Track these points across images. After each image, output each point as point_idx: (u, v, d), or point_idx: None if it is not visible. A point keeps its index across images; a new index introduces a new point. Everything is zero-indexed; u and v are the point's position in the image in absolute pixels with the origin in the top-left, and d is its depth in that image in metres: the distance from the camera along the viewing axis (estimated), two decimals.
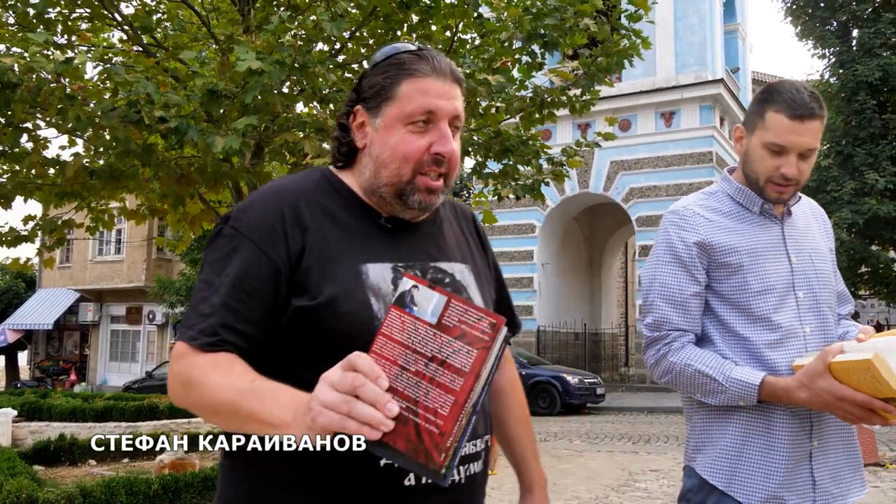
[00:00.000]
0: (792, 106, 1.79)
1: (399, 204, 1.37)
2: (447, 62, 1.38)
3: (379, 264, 1.33)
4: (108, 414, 13.19)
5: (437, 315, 1.02)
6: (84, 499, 5.68)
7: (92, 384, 29.61)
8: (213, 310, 1.23)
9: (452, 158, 1.36)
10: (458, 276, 1.44)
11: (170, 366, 1.25)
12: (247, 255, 1.27)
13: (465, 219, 1.61)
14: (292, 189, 1.37)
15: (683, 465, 1.98)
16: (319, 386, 1.01)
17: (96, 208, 9.20)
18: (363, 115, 1.40)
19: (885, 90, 17.55)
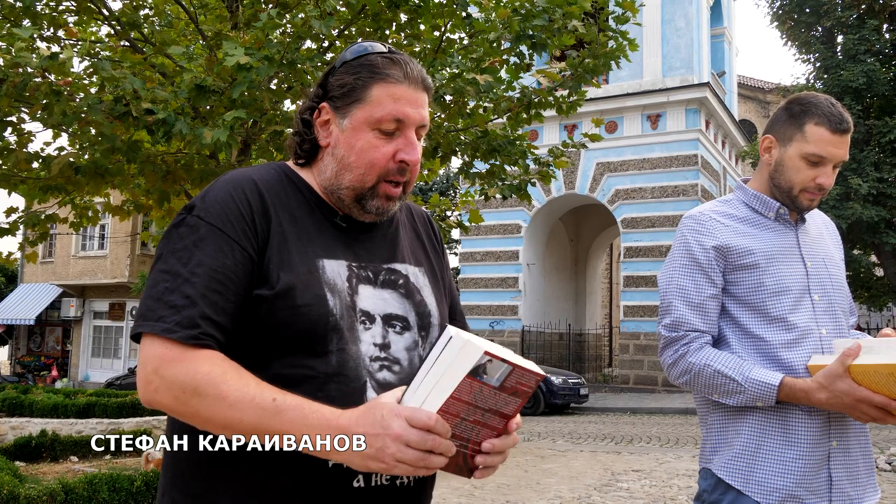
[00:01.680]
0: (832, 120, 1.87)
1: (357, 208, 1.37)
2: (418, 69, 1.38)
3: (335, 261, 1.32)
4: (91, 410, 13.11)
5: (501, 380, 1.13)
6: (66, 495, 5.64)
7: (74, 380, 29.40)
8: (188, 301, 1.18)
9: (415, 167, 1.37)
10: (411, 279, 1.43)
11: (151, 368, 1.18)
12: (217, 244, 1.23)
13: (420, 221, 1.60)
14: (255, 179, 1.35)
15: (699, 467, 2.00)
16: (394, 444, 1.07)
17: (80, 204, 9.15)
18: (329, 113, 1.37)
19: (869, 96, 17.71)
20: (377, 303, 1.33)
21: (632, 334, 20.49)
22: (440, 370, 1.12)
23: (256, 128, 7.62)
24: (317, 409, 1.13)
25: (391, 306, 1.35)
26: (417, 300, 1.40)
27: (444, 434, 1.08)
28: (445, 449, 1.09)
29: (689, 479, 8.00)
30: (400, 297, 1.38)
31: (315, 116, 1.40)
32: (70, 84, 6.48)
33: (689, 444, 11.09)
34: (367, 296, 1.32)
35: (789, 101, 1.98)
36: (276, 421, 1.12)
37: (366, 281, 1.34)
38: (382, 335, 1.31)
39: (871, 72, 17.22)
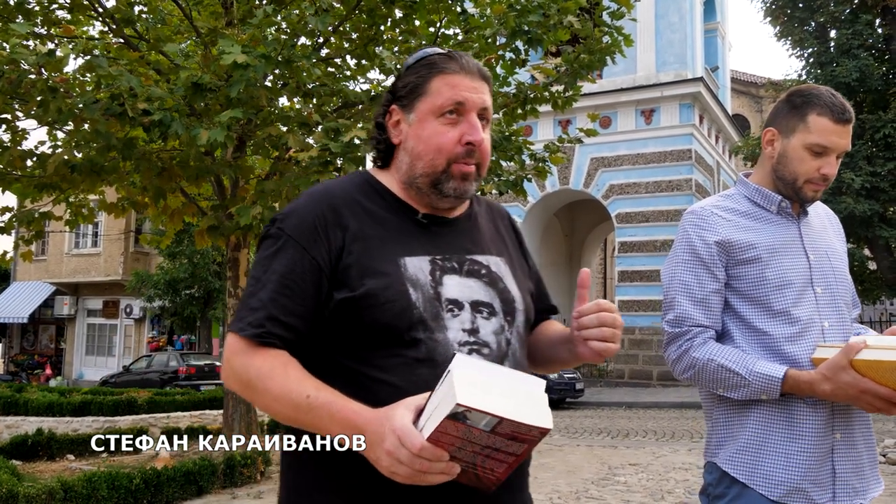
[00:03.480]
0: (834, 110, 1.88)
1: (435, 193, 1.46)
2: (475, 62, 1.48)
3: (417, 257, 1.41)
4: (86, 408, 13.07)
5: (491, 427, 1.09)
6: (65, 493, 5.64)
7: (68, 378, 29.31)
8: (260, 304, 1.34)
9: (483, 147, 1.45)
10: (493, 268, 1.50)
11: (226, 357, 1.37)
12: (291, 253, 1.37)
13: (500, 217, 1.69)
14: (333, 191, 1.47)
15: (704, 461, 2.00)
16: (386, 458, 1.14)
17: (75, 202, 9.12)
18: (398, 113, 1.49)
19: (861, 91, 17.76)
20: (464, 290, 1.42)
21: (626, 329, 20.53)
22: (436, 399, 1.12)
23: (252, 125, 7.60)
24: (342, 408, 1.23)
25: (477, 293, 1.43)
26: (501, 287, 1.48)
27: (433, 459, 1.11)
28: (440, 471, 1.12)
29: (685, 472, 8.04)
30: (484, 285, 1.46)
31: (387, 119, 1.52)
32: (65, 81, 6.46)
33: (684, 438, 11.14)
34: (452, 285, 1.41)
35: (790, 94, 1.99)
36: (307, 416, 1.26)
37: (451, 272, 1.43)
38: (471, 320, 1.40)
39: (865, 67, 17.27)
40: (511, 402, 1.10)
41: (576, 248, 26.85)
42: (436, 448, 1.10)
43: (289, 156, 8.13)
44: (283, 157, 8.29)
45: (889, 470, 7.55)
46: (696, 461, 8.66)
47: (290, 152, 7.90)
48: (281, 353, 1.32)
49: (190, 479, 6.66)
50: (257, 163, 9.72)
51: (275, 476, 7.89)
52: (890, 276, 18.04)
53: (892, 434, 9.53)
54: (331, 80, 7.93)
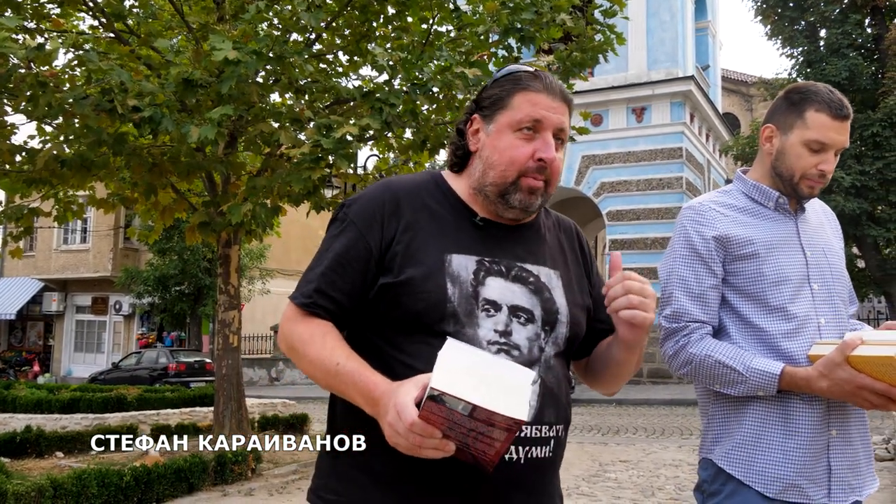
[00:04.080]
0: (833, 106, 1.89)
1: (501, 203, 1.51)
2: (559, 84, 1.54)
3: (464, 256, 1.47)
4: (75, 405, 13.00)
5: (468, 412, 1.14)
6: (55, 491, 5.61)
7: (56, 375, 29.14)
8: (315, 277, 1.48)
9: (554, 165, 1.50)
10: (542, 278, 1.54)
11: (281, 322, 1.51)
12: (349, 235, 1.49)
13: (566, 232, 1.72)
14: (398, 184, 1.56)
15: (700, 457, 2.00)
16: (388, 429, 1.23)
17: (63, 198, 9.06)
18: (479, 122, 1.56)
19: (851, 90, 17.86)
20: (505, 294, 1.47)
21: None
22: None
23: (243, 121, 7.57)
24: (365, 378, 1.33)
25: (518, 299, 1.48)
26: (545, 297, 1.52)
27: (424, 434, 1.17)
28: (433, 447, 1.19)
29: (675, 468, 8.08)
30: (529, 292, 1.50)
31: (468, 127, 1.59)
32: (55, 76, 6.42)
33: (674, 435, 11.18)
34: (495, 287, 1.46)
35: (789, 90, 1.99)
36: (335, 381, 1.38)
37: (497, 274, 1.48)
38: (505, 323, 1.45)
39: (854, 66, 17.38)
40: (489, 391, 1.14)
41: None
42: (426, 425, 1.16)
43: (280, 152, 8.11)
44: (274, 154, 8.27)
45: (877, 466, 7.60)
46: (686, 458, 8.70)
47: (282, 149, 7.88)
48: (324, 323, 1.44)
49: (181, 477, 6.64)
50: (248, 159, 9.69)
51: (266, 473, 7.87)
52: (878, 274, 18.17)
53: (880, 431, 9.59)
54: (323, 77, 7.91)
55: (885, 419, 10.90)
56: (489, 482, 1.36)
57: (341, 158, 6.59)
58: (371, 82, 8.60)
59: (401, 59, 7.41)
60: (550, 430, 1.46)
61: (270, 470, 8.05)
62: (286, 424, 11.02)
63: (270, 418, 11.05)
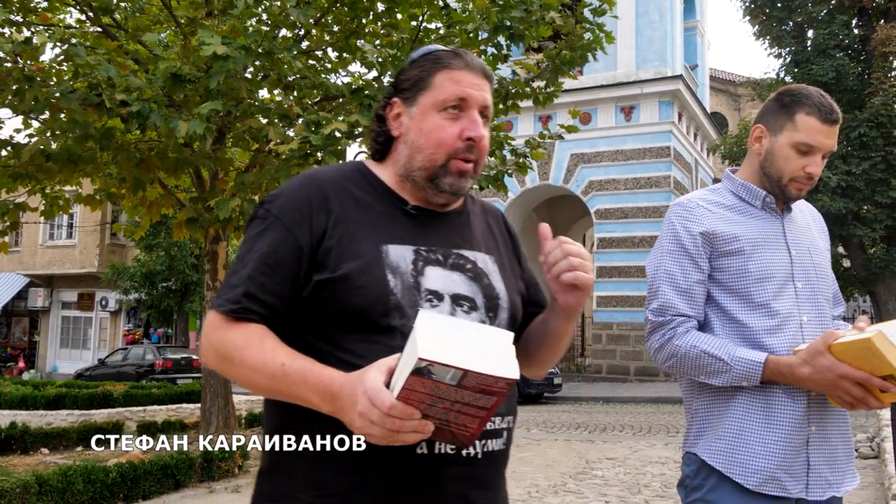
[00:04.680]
0: (823, 110, 1.91)
1: (431, 188, 1.46)
2: (479, 60, 1.50)
3: (400, 246, 1.41)
4: (61, 402, 12.93)
5: (457, 380, 1.08)
6: (40, 487, 5.58)
7: (41, 371, 28.96)
8: (240, 281, 1.37)
9: (482, 143, 1.45)
10: (479, 264, 1.50)
11: (204, 333, 1.39)
12: (275, 233, 1.39)
13: (493, 217, 1.69)
14: (323, 176, 1.49)
15: (683, 452, 2.02)
16: (359, 419, 1.14)
17: (50, 194, 9.00)
18: (400, 106, 1.50)
19: (838, 90, 17.96)
20: (446, 283, 1.42)
21: (604, 324, 20.66)
22: (403, 360, 1.12)
23: (231, 116, 7.55)
24: (317, 374, 1.24)
25: (459, 287, 1.43)
26: (485, 283, 1.48)
27: (404, 417, 1.11)
28: (413, 429, 1.12)
29: (661, 466, 8.12)
30: (468, 279, 1.46)
31: (388, 111, 1.52)
32: (42, 70, 6.37)
33: (661, 433, 11.24)
34: (434, 276, 1.41)
35: (780, 92, 2.02)
36: (282, 384, 1.27)
37: (435, 263, 1.43)
38: (450, 312, 1.39)
39: (841, 66, 17.49)
40: (475, 355, 1.10)
41: None
42: (406, 406, 1.10)
43: (269, 148, 8.09)
44: (263, 150, 8.25)
45: (861, 464, 7.66)
46: (673, 455, 8.75)
47: (271, 145, 7.86)
48: (257, 326, 1.34)
49: (167, 473, 6.62)
50: (237, 155, 9.65)
51: (253, 470, 7.86)
52: (863, 273, 18.30)
53: (864, 429, 9.68)
54: (312, 73, 7.89)
55: (869, 417, 11.00)
56: (448, 482, 1.32)
57: (330, 155, 6.58)
58: (360, 79, 8.59)
59: (390, 56, 7.40)
60: (503, 422, 1.43)
61: (257, 467, 8.03)
62: None
63: (258, 415, 11.02)
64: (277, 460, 1.41)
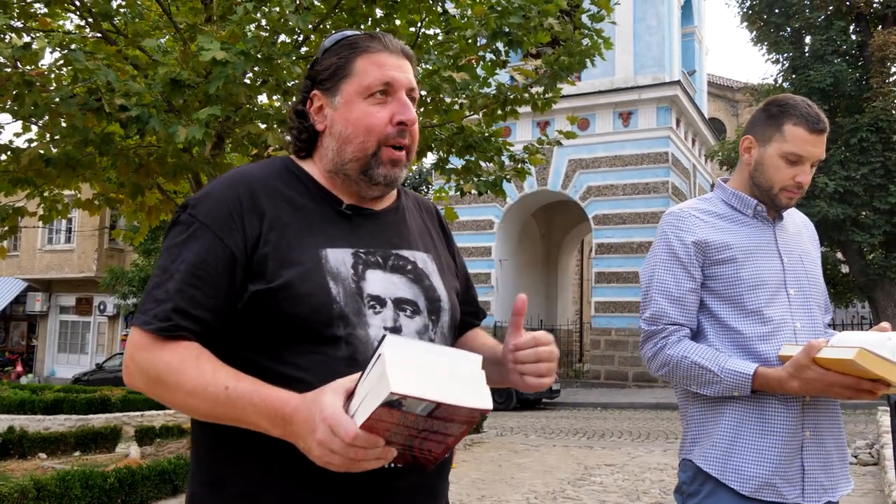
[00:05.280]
0: (810, 120, 1.94)
1: (364, 180, 1.38)
2: (397, 41, 1.43)
3: (339, 249, 1.34)
4: (59, 406, 12.92)
5: (429, 411, 1.03)
6: (38, 492, 5.57)
7: (39, 376, 28.92)
8: (167, 295, 1.24)
9: (414, 127, 1.39)
10: (419, 264, 1.44)
11: (128, 353, 1.26)
12: (203, 241, 1.28)
13: (427, 211, 1.62)
14: (251, 177, 1.37)
15: (679, 459, 2.04)
16: (318, 448, 1.06)
17: (49, 197, 9.00)
18: (321, 98, 1.41)
19: (835, 96, 18.02)
20: (387, 286, 1.35)
21: (603, 330, 20.66)
22: (368, 384, 1.05)
23: (230, 122, 7.55)
24: (266, 397, 1.14)
25: (401, 290, 1.37)
26: (426, 285, 1.42)
27: (368, 446, 1.04)
28: (375, 456, 1.06)
29: (660, 472, 8.11)
30: (409, 281, 1.39)
31: (308, 106, 1.43)
32: (42, 75, 6.38)
33: (659, 439, 11.24)
34: (375, 280, 1.34)
35: (767, 103, 2.05)
36: (228, 408, 1.17)
37: (374, 266, 1.36)
38: (393, 318, 1.33)
39: (838, 72, 17.53)
40: (448, 385, 1.04)
41: (553, 249, 26.96)
42: (370, 435, 1.03)
43: (268, 153, 8.09)
44: (262, 155, 8.24)
45: (861, 471, 7.67)
46: (671, 462, 8.74)
47: (270, 150, 7.86)
48: (191, 345, 1.23)
49: (165, 479, 6.61)
50: (236, 160, 9.65)
51: None
52: (862, 279, 18.32)
53: (864, 436, 9.68)
54: None
55: (868, 424, 11.00)
56: (401, 493, 1.28)
57: None
58: None
59: None
60: None
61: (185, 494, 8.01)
62: None
63: None
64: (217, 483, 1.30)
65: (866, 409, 13.04)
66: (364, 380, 1.07)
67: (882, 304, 18.20)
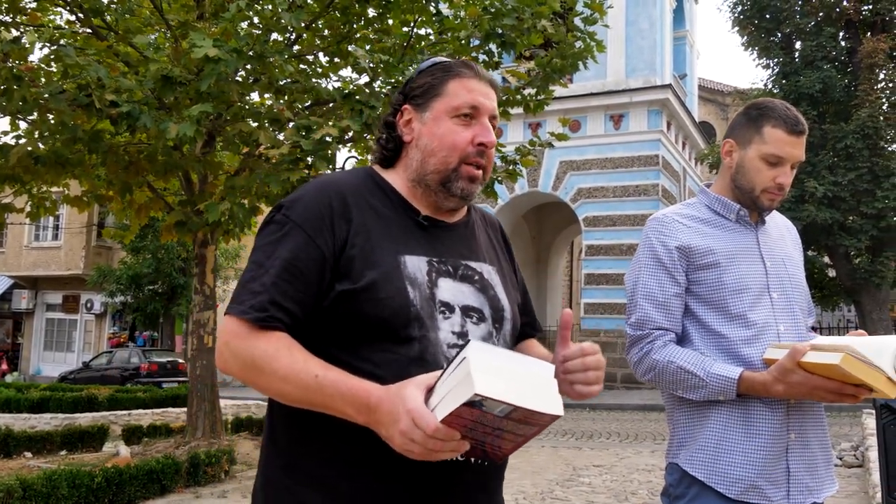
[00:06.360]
0: (788, 122, 1.96)
1: (443, 192, 1.49)
2: (487, 72, 1.56)
3: (416, 257, 1.44)
4: (45, 405, 12.83)
5: (505, 413, 1.12)
6: (24, 491, 5.52)
7: (25, 374, 28.70)
8: (263, 288, 1.35)
9: (491, 150, 1.51)
10: (485, 276, 1.54)
11: (223, 340, 1.36)
12: (296, 240, 1.38)
13: (492, 227, 1.73)
14: (340, 183, 1.49)
15: (666, 462, 2.05)
16: (399, 437, 1.16)
17: (37, 195, 8.94)
18: (411, 112, 1.53)
19: (825, 102, 18.13)
20: (456, 295, 1.45)
21: (592, 331, 20.69)
22: (450, 383, 1.15)
23: (222, 120, 7.53)
24: (353, 386, 1.25)
25: (469, 299, 1.47)
26: (491, 295, 1.52)
27: (446, 439, 1.13)
28: (452, 449, 1.15)
29: (648, 473, 8.13)
30: (476, 291, 1.49)
31: (398, 118, 1.55)
32: (31, 70, 6.33)
33: (647, 440, 11.27)
34: (446, 288, 1.44)
35: (747, 107, 2.08)
36: (317, 395, 1.27)
37: (445, 275, 1.46)
38: (461, 324, 1.43)
39: (828, 78, 17.63)
40: (525, 390, 1.13)
41: (543, 251, 26.99)
42: (448, 429, 1.12)
43: (259, 152, 8.06)
44: (253, 154, 8.22)
45: (845, 473, 7.71)
46: (659, 463, 8.76)
47: (261, 149, 7.84)
48: (283, 336, 1.33)
49: (153, 478, 6.57)
50: (227, 158, 9.63)
51: (239, 475, 7.82)
52: (848, 283, 18.43)
53: (848, 438, 9.74)
54: (303, 77, 7.88)
55: (853, 426, 11.07)
56: (461, 486, 1.37)
57: (320, 160, 6.58)
58: (351, 84, 8.59)
59: (381, 62, 7.41)
60: None
61: (244, 472, 7.99)
62: (260, 426, 10.94)
63: (244, 420, 10.97)
64: (294, 469, 1.39)
65: (851, 411, 13.13)
66: (445, 379, 1.16)
67: (867, 308, 18.33)
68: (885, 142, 18.00)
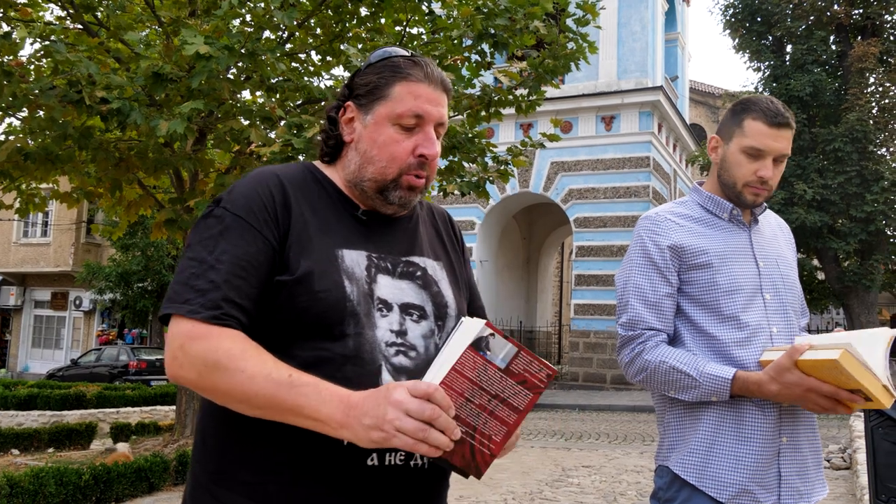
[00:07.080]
0: (768, 114, 1.94)
1: (380, 199, 1.43)
2: (439, 71, 1.46)
3: (354, 251, 1.38)
4: (32, 402, 12.76)
5: (507, 362, 1.12)
6: (11, 489, 5.49)
7: (12, 371, 28.54)
8: (212, 285, 1.26)
9: (434, 161, 1.43)
10: (429, 271, 1.48)
11: (177, 344, 1.25)
12: (242, 233, 1.31)
13: (441, 219, 1.66)
14: (279, 174, 1.42)
15: (656, 465, 2.03)
16: (392, 410, 1.10)
17: (26, 191, 8.89)
18: (353, 111, 1.45)
19: (815, 105, 18.25)
20: (394, 292, 1.39)
21: (582, 332, 20.74)
22: (447, 349, 1.17)
23: (213, 117, 7.50)
24: (330, 386, 1.19)
25: (408, 296, 1.41)
26: (434, 291, 1.46)
27: (444, 405, 1.10)
28: (445, 424, 1.11)
29: (637, 474, 8.16)
30: (417, 287, 1.44)
31: (340, 115, 1.48)
32: (21, 66, 6.30)
33: (636, 441, 11.30)
34: (384, 285, 1.38)
35: (733, 104, 2.07)
36: (291, 394, 1.18)
37: (384, 271, 1.40)
38: (399, 322, 1.37)
39: (818, 81, 17.75)
40: None
41: (533, 251, 27.04)
42: (446, 396, 1.11)
43: (250, 150, 8.04)
44: (244, 152, 8.20)
45: (833, 475, 7.75)
46: (648, 464, 8.79)
47: (252, 147, 7.82)
48: (243, 335, 1.26)
49: (141, 476, 6.54)
50: (217, 156, 9.59)
51: None
52: (837, 286, 18.55)
53: (837, 440, 9.79)
54: (295, 76, 7.87)
55: (841, 429, 11.13)
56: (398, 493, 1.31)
57: (311, 158, 6.56)
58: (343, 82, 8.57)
59: None
60: None
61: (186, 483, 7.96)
62: None
63: None
64: (225, 476, 1.32)
65: None
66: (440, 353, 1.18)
67: (856, 311, 18.45)
68: (875, 145, 18.12)
